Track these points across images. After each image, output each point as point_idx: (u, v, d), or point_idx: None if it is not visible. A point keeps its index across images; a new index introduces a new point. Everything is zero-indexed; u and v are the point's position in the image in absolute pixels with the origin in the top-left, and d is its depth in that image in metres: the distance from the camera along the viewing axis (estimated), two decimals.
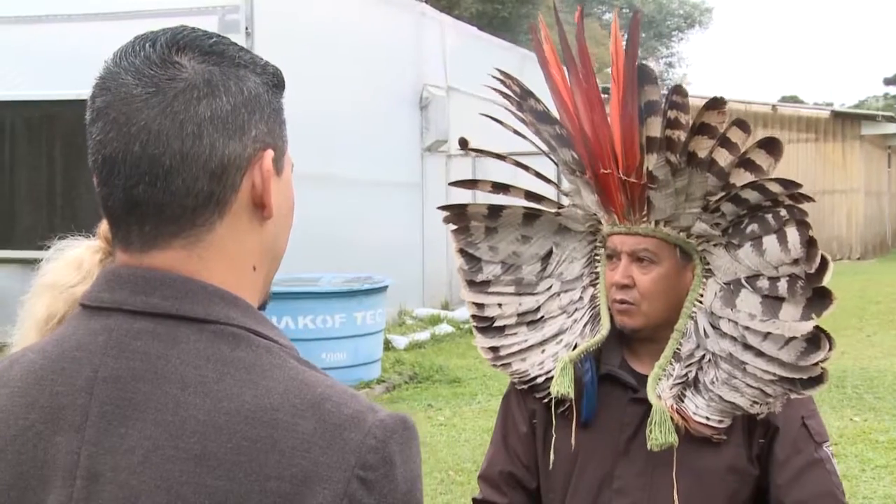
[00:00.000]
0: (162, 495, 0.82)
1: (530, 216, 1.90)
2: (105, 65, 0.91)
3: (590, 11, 39.04)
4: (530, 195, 1.93)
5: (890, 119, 24.72)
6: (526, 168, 1.93)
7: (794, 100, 43.46)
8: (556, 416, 1.81)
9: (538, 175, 1.95)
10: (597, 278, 1.87)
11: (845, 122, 23.80)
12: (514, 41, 17.98)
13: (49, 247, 1.16)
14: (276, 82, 0.95)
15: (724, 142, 1.63)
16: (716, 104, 1.61)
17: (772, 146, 1.63)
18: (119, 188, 0.89)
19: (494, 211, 1.91)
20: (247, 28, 8.49)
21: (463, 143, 2.02)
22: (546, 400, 1.83)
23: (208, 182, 0.88)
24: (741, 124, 1.63)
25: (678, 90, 1.65)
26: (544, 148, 1.87)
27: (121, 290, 0.90)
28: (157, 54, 0.89)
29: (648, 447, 1.68)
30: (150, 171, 0.87)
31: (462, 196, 2.26)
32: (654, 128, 1.64)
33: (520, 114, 1.86)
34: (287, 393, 0.85)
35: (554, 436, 1.81)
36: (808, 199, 1.63)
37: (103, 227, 1.20)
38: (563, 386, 1.76)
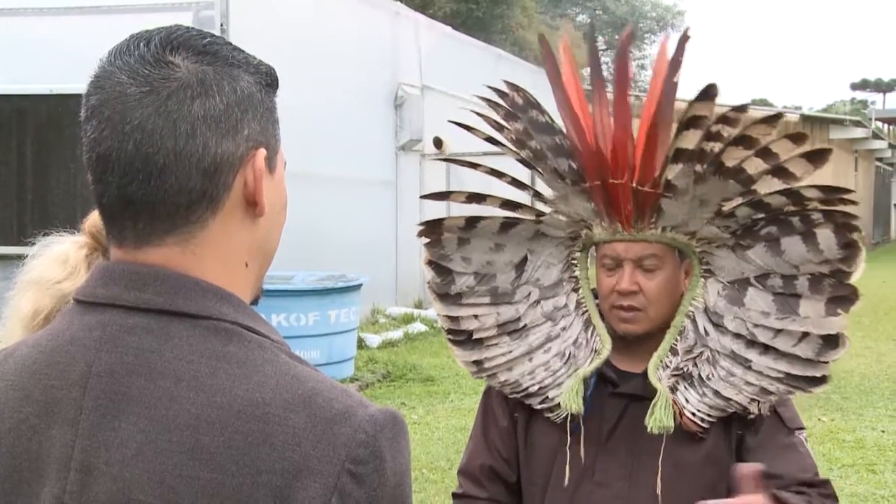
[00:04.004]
0: (155, 488, 0.84)
1: (507, 225, 1.85)
2: (100, 63, 0.92)
3: (564, 12, 39.18)
4: (507, 203, 1.87)
5: (857, 124, 25.07)
6: (500, 175, 1.88)
7: (763, 103, 43.91)
8: (540, 411, 1.82)
9: (513, 181, 1.92)
10: (577, 283, 1.85)
11: (814, 125, 24.11)
12: (488, 41, 18.01)
13: (25, 243, 1.17)
14: (269, 81, 0.96)
15: (763, 152, 1.58)
16: (770, 120, 1.55)
17: (817, 157, 1.58)
18: (113, 186, 0.90)
19: (471, 222, 1.86)
20: (222, 24, 8.44)
21: (437, 143, 2.00)
22: (540, 406, 1.83)
23: (201, 180, 0.90)
24: (795, 138, 1.58)
25: (740, 108, 1.58)
26: (520, 152, 1.81)
27: (115, 285, 0.91)
28: (152, 53, 0.90)
29: (649, 429, 1.70)
30: (143, 170, 0.88)
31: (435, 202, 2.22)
32: (690, 140, 1.59)
33: (506, 123, 1.80)
34: (278, 388, 0.87)
35: (569, 453, 1.79)
36: (852, 202, 1.63)
37: (88, 222, 1.21)
38: (575, 404, 1.77)
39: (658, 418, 1.69)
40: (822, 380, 1.67)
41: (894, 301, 14.34)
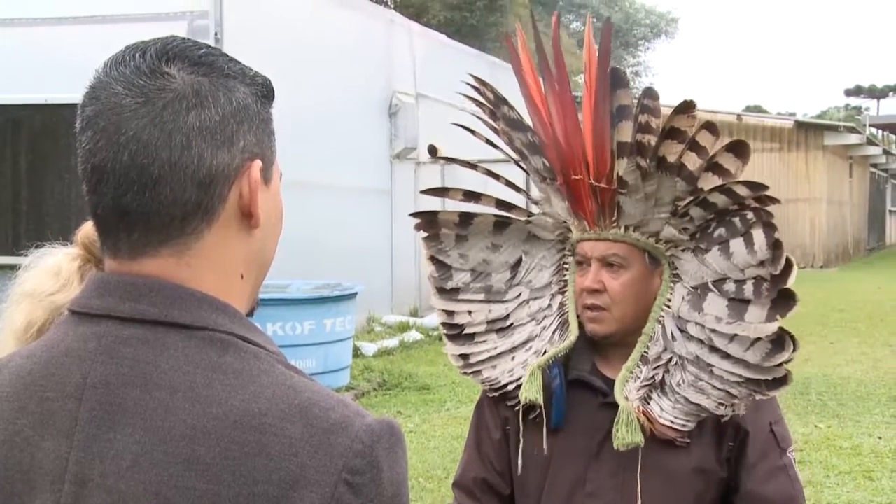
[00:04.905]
0: (150, 500, 0.83)
1: (501, 224, 1.92)
2: (95, 74, 0.92)
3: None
4: (501, 203, 1.95)
5: (851, 130, 25.15)
6: (496, 177, 1.95)
7: (758, 109, 44.04)
8: (526, 421, 1.82)
9: (508, 183, 1.97)
10: (565, 286, 1.88)
11: (808, 132, 24.16)
12: (482, 49, 18.04)
13: (17, 253, 1.16)
14: (265, 93, 0.96)
15: (694, 145, 1.65)
16: (686, 108, 1.64)
17: (739, 149, 1.66)
18: (108, 196, 0.90)
19: (465, 218, 1.93)
20: (216, 34, 8.45)
21: (432, 151, 2.05)
22: (517, 407, 1.84)
23: (196, 192, 0.89)
24: (710, 127, 1.65)
25: (650, 93, 1.68)
26: (514, 156, 1.89)
27: (110, 296, 0.91)
28: (147, 64, 0.90)
29: (615, 446, 1.71)
30: (138, 181, 0.88)
31: (432, 204, 2.28)
32: (626, 132, 1.67)
33: (492, 122, 1.88)
34: (275, 398, 0.87)
35: (522, 441, 1.83)
36: (774, 200, 1.66)
37: (81, 234, 1.20)
38: (531, 392, 1.78)
39: (622, 435, 1.70)
40: (780, 381, 1.67)
41: (889, 307, 14.36)
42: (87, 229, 1.14)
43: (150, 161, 0.88)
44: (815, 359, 9.69)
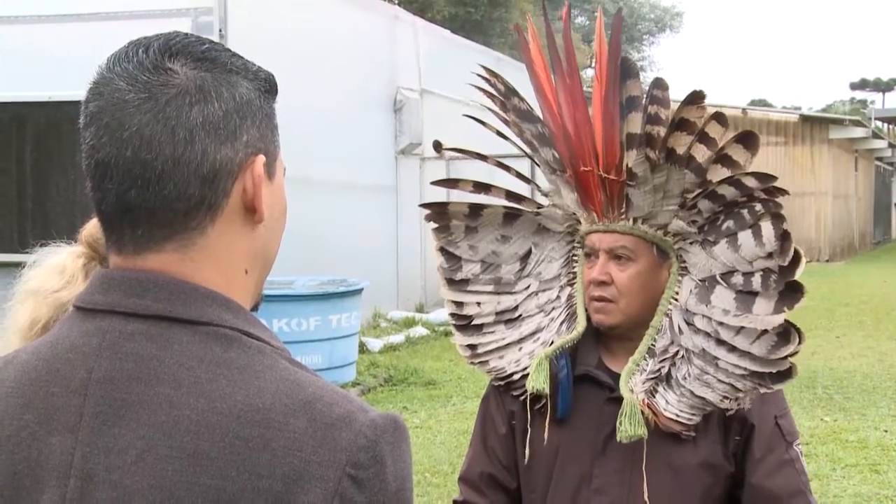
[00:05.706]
0: (156, 494, 0.84)
1: (510, 216, 1.93)
2: (98, 70, 0.92)
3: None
4: (510, 195, 1.95)
5: (857, 123, 25.08)
6: (507, 168, 1.95)
7: (763, 103, 43.98)
8: (532, 411, 1.83)
9: (518, 175, 1.97)
10: (574, 278, 1.89)
11: (814, 125, 24.11)
12: (486, 44, 18.03)
13: (25, 251, 1.17)
14: (267, 88, 0.97)
15: (703, 137, 1.65)
16: (695, 99, 1.63)
17: (748, 140, 1.65)
18: (112, 192, 0.90)
19: (475, 210, 1.93)
20: (220, 30, 8.45)
21: (437, 147, 2.04)
22: (523, 398, 1.85)
23: (200, 187, 0.89)
24: (719, 118, 1.65)
25: (659, 84, 1.68)
26: (524, 148, 1.89)
27: (114, 292, 0.91)
28: (150, 60, 0.90)
29: (618, 439, 1.70)
30: (142, 176, 0.88)
31: (438, 198, 2.28)
32: (635, 124, 1.67)
33: (503, 113, 1.88)
34: (279, 393, 0.87)
35: (529, 430, 1.83)
36: (783, 192, 1.65)
37: (85, 232, 1.21)
38: (538, 382, 1.78)
39: (625, 428, 1.70)
40: (785, 375, 1.67)
41: (895, 300, 14.33)
42: (92, 227, 1.14)
43: (154, 156, 0.88)
44: (821, 352, 9.68)
